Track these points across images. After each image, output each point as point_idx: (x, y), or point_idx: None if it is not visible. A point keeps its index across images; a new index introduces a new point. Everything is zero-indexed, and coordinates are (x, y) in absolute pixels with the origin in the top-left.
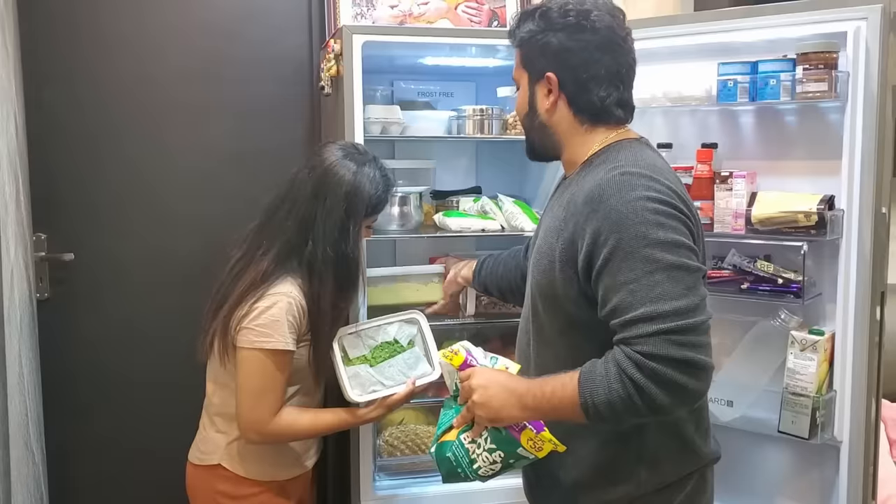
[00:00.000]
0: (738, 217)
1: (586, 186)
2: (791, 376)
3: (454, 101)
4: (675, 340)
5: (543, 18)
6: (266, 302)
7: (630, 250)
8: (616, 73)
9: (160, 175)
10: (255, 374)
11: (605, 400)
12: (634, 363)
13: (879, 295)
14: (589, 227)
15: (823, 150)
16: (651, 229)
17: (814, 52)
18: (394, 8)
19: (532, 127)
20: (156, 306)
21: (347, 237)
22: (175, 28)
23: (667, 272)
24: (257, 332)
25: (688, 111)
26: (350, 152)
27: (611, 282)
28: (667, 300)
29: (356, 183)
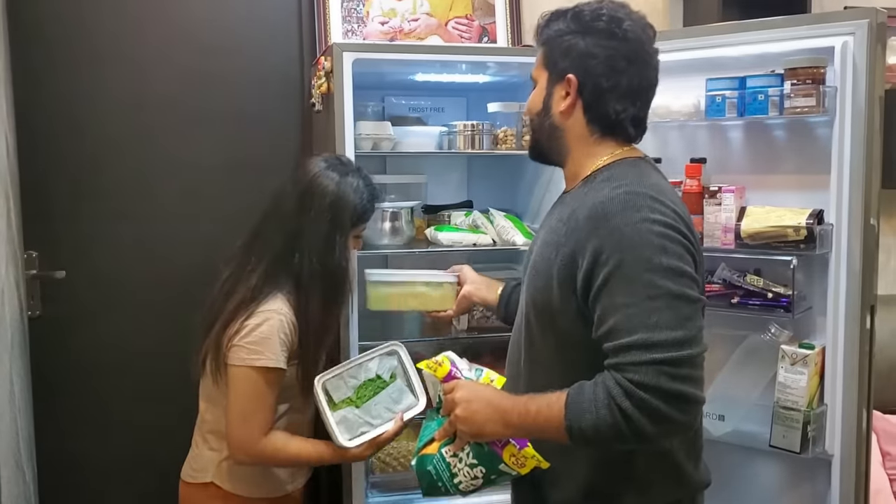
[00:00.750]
0: (727, 231)
1: (589, 202)
2: (782, 390)
3: (445, 117)
4: (667, 372)
5: (575, 20)
6: (257, 319)
7: (631, 273)
8: (637, 89)
9: (151, 192)
10: (244, 392)
11: (592, 425)
12: (624, 391)
13: (869, 308)
14: (590, 244)
15: (812, 164)
16: (655, 253)
17: (801, 68)
18: (384, 24)
19: (542, 127)
20: (147, 323)
21: (334, 248)
22: (165, 45)
23: (666, 300)
24: (248, 349)
25: (676, 126)
26: (333, 163)
27: (608, 303)
28: (664, 329)
29: (340, 193)
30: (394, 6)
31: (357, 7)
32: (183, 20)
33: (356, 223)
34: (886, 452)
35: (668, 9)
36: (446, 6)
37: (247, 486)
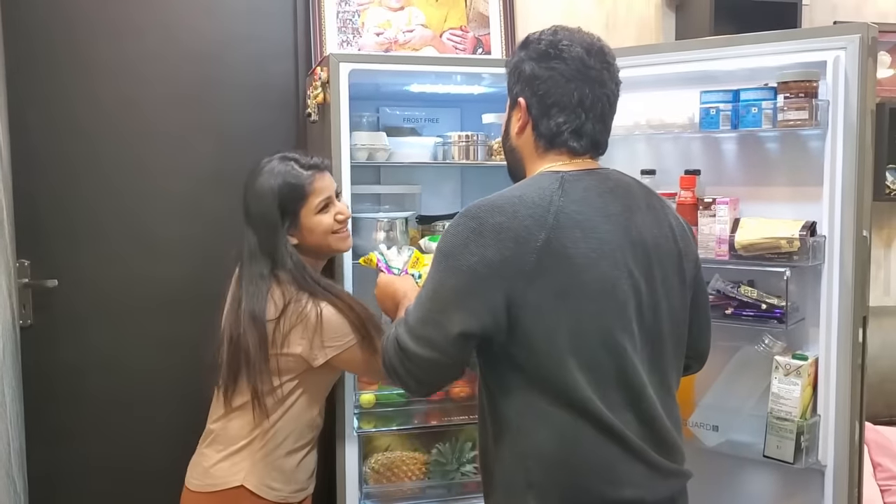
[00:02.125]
0: (721, 243)
1: None
2: (775, 401)
3: (440, 127)
4: (403, 329)
5: (523, 47)
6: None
7: (434, 259)
8: (581, 102)
9: (144, 201)
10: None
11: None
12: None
13: (861, 319)
14: None
15: (804, 176)
16: (454, 243)
17: (794, 81)
18: (379, 35)
19: (506, 149)
20: (140, 332)
21: (281, 245)
22: (160, 54)
23: (431, 289)
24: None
25: (670, 138)
26: (257, 165)
27: None
28: (421, 300)
29: (259, 188)
30: (389, 17)
31: (352, 18)
32: (179, 29)
33: (294, 204)
34: (878, 464)
35: (660, 22)
36: (441, 18)
37: (272, 491)
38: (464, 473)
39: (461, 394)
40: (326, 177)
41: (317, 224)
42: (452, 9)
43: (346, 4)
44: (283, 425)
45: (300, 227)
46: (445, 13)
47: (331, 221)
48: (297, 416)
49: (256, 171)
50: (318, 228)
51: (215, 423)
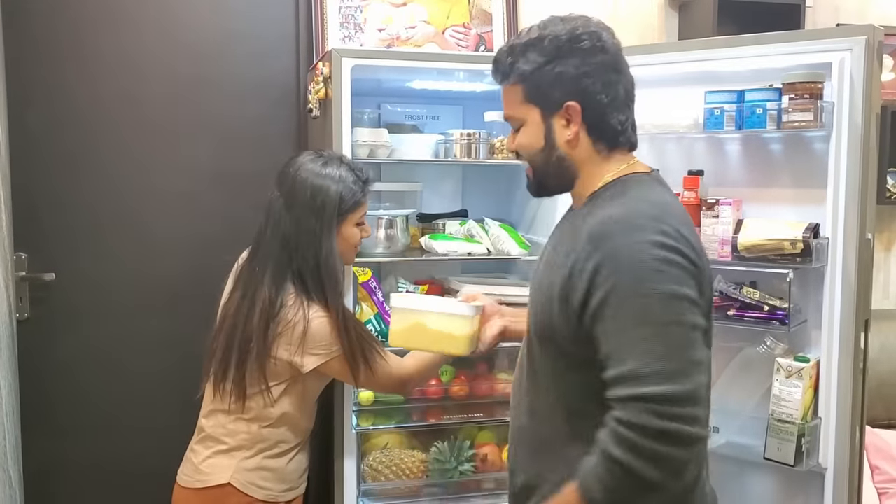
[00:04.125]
0: (724, 244)
1: (591, 221)
2: (777, 403)
3: (441, 125)
4: (654, 410)
5: (555, 46)
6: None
7: (624, 297)
8: (629, 94)
9: (144, 197)
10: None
11: (600, 489)
12: (614, 437)
13: (864, 322)
14: (589, 265)
15: (808, 178)
16: (650, 276)
17: (800, 83)
18: (381, 31)
19: (548, 162)
20: (137, 327)
21: (321, 242)
22: (159, 49)
23: (660, 327)
24: (320, 346)
25: (674, 138)
26: (313, 157)
27: (602, 327)
28: (652, 358)
29: (320, 184)
30: (391, 14)
31: (355, 14)
32: (179, 24)
33: (344, 212)
34: (875, 466)
35: (663, 22)
36: (444, 14)
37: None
38: (462, 472)
39: (460, 392)
40: (369, 197)
41: (351, 235)
42: (455, 6)
43: (349, 0)
44: (273, 428)
45: (339, 231)
46: (448, 10)
47: (359, 237)
48: (288, 419)
49: (309, 164)
50: (350, 239)
51: (207, 420)
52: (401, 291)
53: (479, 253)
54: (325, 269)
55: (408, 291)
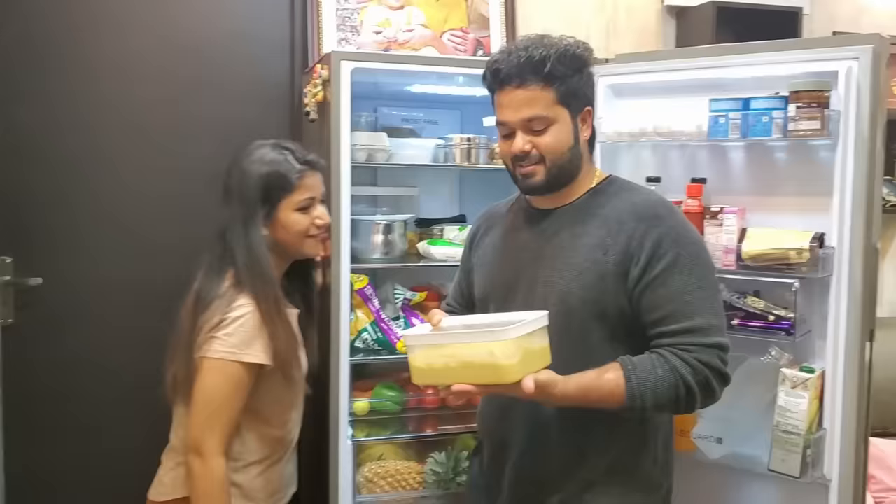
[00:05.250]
0: (728, 253)
1: (627, 207)
2: (782, 414)
3: (439, 129)
4: (721, 357)
5: (578, 59)
6: (237, 312)
7: (687, 265)
8: None
9: (134, 201)
10: (216, 387)
11: (652, 393)
12: (692, 368)
13: (868, 332)
14: (648, 239)
15: (813, 186)
16: (702, 251)
17: (806, 91)
18: (378, 34)
19: (573, 158)
20: (124, 333)
21: (247, 230)
22: (152, 50)
23: (712, 290)
24: (226, 341)
25: (676, 145)
26: (252, 145)
27: (665, 291)
28: (714, 315)
29: (246, 169)
30: (388, 16)
31: (351, 16)
32: (171, 24)
33: (275, 198)
34: (871, 476)
35: (660, 29)
36: (441, 18)
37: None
38: (460, 484)
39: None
40: (317, 177)
41: (293, 222)
42: (453, 10)
43: (346, 2)
44: (246, 439)
45: (276, 220)
46: (446, 14)
47: (307, 224)
48: (249, 430)
49: (246, 152)
50: (293, 227)
51: (173, 429)
52: (397, 299)
53: None
54: (251, 260)
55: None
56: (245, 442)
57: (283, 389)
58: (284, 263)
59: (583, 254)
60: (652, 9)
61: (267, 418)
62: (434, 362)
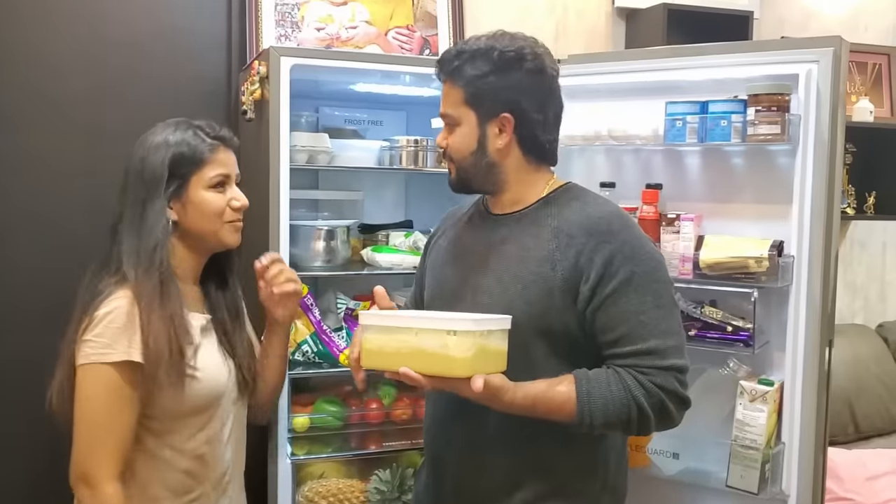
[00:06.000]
0: (685, 261)
1: (576, 219)
2: (740, 428)
3: (384, 130)
4: (679, 379)
5: (502, 59)
6: (105, 308)
7: (641, 283)
8: (558, 117)
9: (59, 204)
10: (95, 397)
11: (603, 412)
12: (646, 391)
13: (828, 343)
14: (598, 256)
15: (772, 193)
16: (658, 267)
17: (766, 94)
18: (320, 31)
19: (477, 165)
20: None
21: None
22: (79, 43)
23: (669, 309)
24: (96, 342)
25: (631, 150)
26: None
27: (619, 310)
28: (672, 335)
29: (149, 145)
30: (331, 12)
31: (292, 11)
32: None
33: (185, 173)
34: (829, 489)
35: (610, 31)
36: (386, 15)
37: None
38: (405, 502)
39: (403, 416)
40: (230, 155)
41: (207, 202)
42: (399, 6)
43: None
44: (142, 468)
45: (186, 198)
46: (391, 11)
47: (222, 205)
48: (148, 455)
49: (151, 131)
50: (207, 207)
51: None
52: (339, 308)
53: None
54: (142, 244)
55: (348, 308)
56: (146, 470)
57: (176, 399)
58: (199, 257)
59: (530, 267)
60: (602, 11)
61: (163, 436)
62: (386, 346)
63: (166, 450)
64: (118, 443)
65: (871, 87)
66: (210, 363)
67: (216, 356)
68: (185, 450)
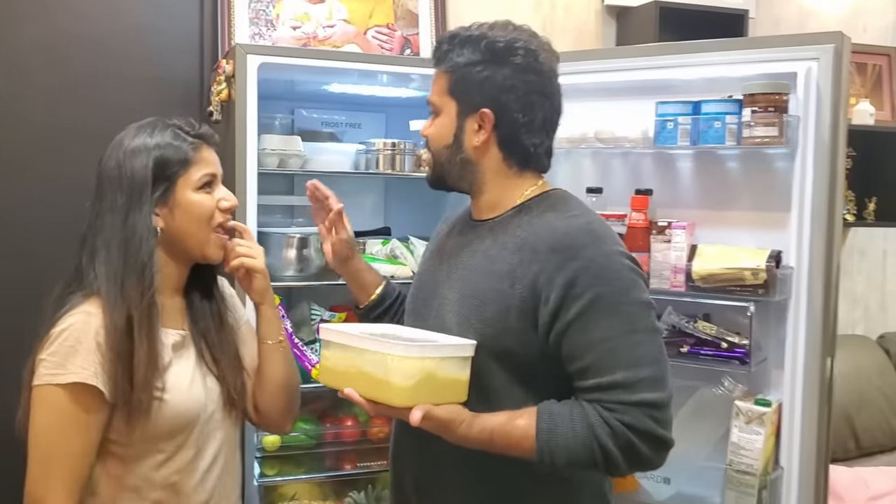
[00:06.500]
0: (677, 272)
1: (544, 232)
2: (735, 452)
3: (362, 133)
4: (653, 416)
5: (489, 50)
6: (61, 324)
7: (609, 306)
8: (549, 120)
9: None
10: (47, 422)
11: (565, 452)
12: (611, 430)
13: (829, 360)
14: (560, 276)
15: (768, 199)
16: (630, 286)
17: (762, 94)
18: (296, 29)
19: (451, 160)
20: None
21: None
22: (44, 41)
23: (644, 334)
24: (50, 362)
25: (619, 153)
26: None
27: (584, 338)
28: (646, 365)
29: (130, 149)
30: (307, 10)
31: (266, 9)
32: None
33: (171, 174)
34: None
35: (599, 30)
36: (366, 14)
37: None
38: None
39: (379, 434)
40: (213, 153)
41: (196, 204)
42: (379, 4)
43: None
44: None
45: (174, 203)
46: (371, 9)
47: (212, 206)
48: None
49: (126, 133)
50: (196, 210)
51: None
52: (314, 320)
53: (404, 276)
54: (130, 264)
55: (322, 320)
56: (113, 499)
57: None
58: (182, 267)
59: (490, 281)
60: (591, 8)
61: (129, 462)
62: (338, 364)
63: (133, 477)
64: (73, 469)
65: (871, 90)
66: (180, 383)
67: (188, 374)
68: (153, 479)
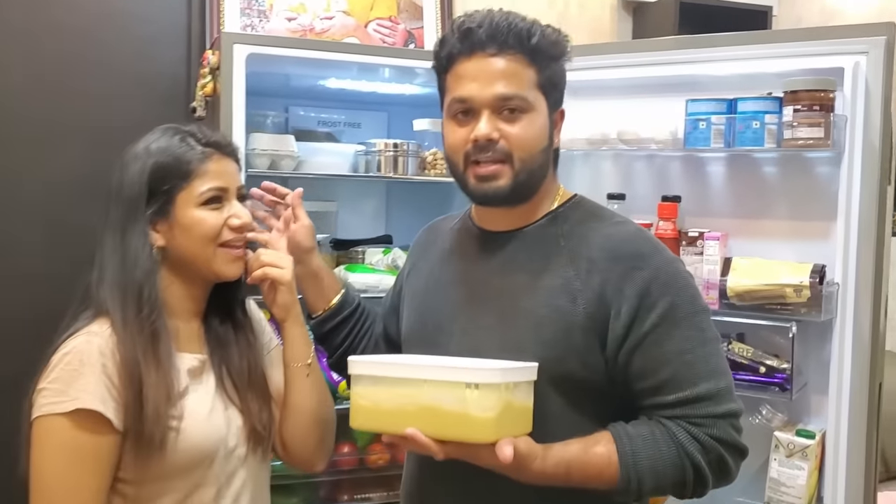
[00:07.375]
0: (710, 288)
1: (595, 241)
2: (775, 489)
3: (362, 133)
4: (736, 426)
5: (562, 45)
6: (64, 348)
7: (683, 317)
8: None
9: None
10: (51, 456)
11: (653, 475)
12: (702, 446)
13: (878, 387)
14: (630, 287)
15: (809, 208)
16: (696, 294)
17: (806, 91)
18: (291, 21)
19: (543, 166)
20: None
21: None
22: (21, 29)
23: (716, 343)
24: (51, 390)
25: (644, 156)
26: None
27: (660, 351)
28: (722, 376)
29: (126, 162)
30: (303, 1)
31: None
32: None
33: (167, 190)
34: None
35: (614, 25)
36: (367, 5)
37: None
38: None
39: (379, 462)
40: (228, 164)
41: (197, 221)
42: None
43: None
44: None
45: (172, 218)
46: (372, 1)
47: (218, 224)
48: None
49: (138, 141)
50: (196, 228)
51: None
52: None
53: None
54: (121, 275)
55: None
56: None
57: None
58: (196, 290)
59: (543, 298)
60: (606, 3)
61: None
62: (384, 402)
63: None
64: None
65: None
66: (198, 411)
67: (207, 403)
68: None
